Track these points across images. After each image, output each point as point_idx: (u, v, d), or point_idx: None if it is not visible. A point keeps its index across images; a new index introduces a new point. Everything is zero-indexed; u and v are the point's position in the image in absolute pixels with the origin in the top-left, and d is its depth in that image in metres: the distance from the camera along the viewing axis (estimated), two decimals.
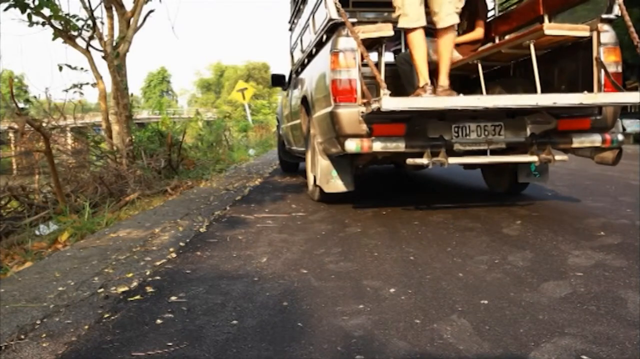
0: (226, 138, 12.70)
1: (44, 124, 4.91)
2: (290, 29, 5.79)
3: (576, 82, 3.18)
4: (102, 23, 6.41)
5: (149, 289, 2.04)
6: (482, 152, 3.19)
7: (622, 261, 2.21)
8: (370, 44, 3.26)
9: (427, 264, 2.26)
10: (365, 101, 3.02)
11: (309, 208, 3.84)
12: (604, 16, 2.96)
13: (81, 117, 7.63)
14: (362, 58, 3.10)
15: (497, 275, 2.08)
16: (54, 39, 5.86)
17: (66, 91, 6.24)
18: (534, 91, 3.01)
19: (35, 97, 6.55)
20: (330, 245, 2.69)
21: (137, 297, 1.95)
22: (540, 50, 3.26)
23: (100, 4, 6.42)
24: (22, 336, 1.60)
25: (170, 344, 1.53)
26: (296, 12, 5.24)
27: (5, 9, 4.73)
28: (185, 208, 4.03)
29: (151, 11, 6.75)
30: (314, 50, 3.89)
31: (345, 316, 1.70)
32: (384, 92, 2.68)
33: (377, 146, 3.00)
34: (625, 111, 13.10)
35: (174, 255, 2.57)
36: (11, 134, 6.43)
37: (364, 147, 2.99)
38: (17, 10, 4.79)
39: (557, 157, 3.07)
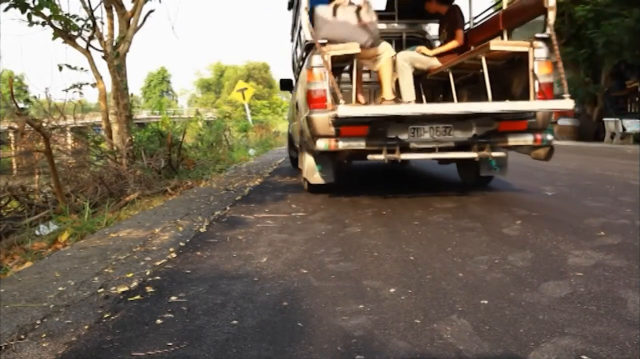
0: (226, 138, 12.70)
1: (44, 124, 4.90)
2: (292, 40, 6.02)
3: (527, 89, 3.58)
4: (102, 23, 6.40)
5: (149, 289, 2.04)
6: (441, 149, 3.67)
7: (622, 261, 2.21)
8: (346, 59, 3.80)
9: (427, 264, 2.26)
10: (333, 107, 3.47)
11: (309, 208, 3.84)
12: (538, 35, 3.47)
13: (81, 117, 7.61)
14: (351, 70, 3.74)
15: (497, 275, 2.08)
16: (54, 39, 5.86)
17: (66, 90, 6.21)
18: (494, 96, 3.54)
19: (35, 97, 6.53)
20: (330, 245, 2.69)
21: (137, 297, 1.95)
22: (496, 61, 3.75)
23: (100, 4, 6.41)
24: (22, 336, 1.60)
25: (170, 344, 1.53)
26: (294, 25, 5.55)
27: (5, 9, 4.73)
28: (185, 208, 4.03)
29: (151, 11, 6.76)
30: (301, 62, 4.30)
31: (345, 316, 1.70)
32: (341, 102, 3.25)
33: (342, 145, 3.55)
34: (625, 112, 13.09)
35: (174, 255, 2.57)
36: (11, 134, 6.42)
37: (331, 145, 3.54)
38: (17, 10, 4.79)
39: (494, 154, 3.58)
